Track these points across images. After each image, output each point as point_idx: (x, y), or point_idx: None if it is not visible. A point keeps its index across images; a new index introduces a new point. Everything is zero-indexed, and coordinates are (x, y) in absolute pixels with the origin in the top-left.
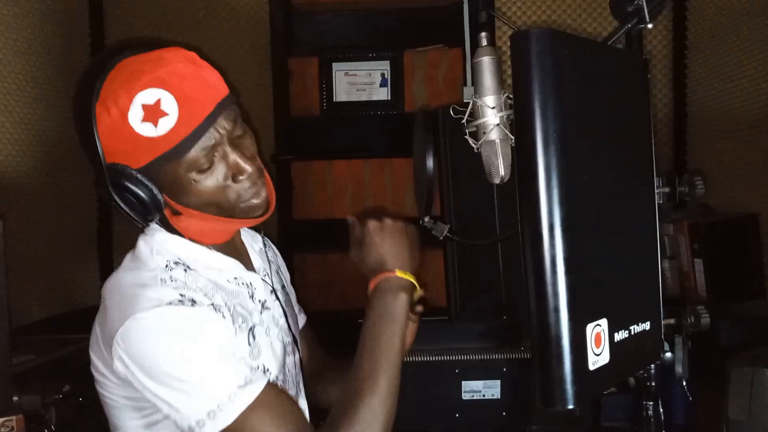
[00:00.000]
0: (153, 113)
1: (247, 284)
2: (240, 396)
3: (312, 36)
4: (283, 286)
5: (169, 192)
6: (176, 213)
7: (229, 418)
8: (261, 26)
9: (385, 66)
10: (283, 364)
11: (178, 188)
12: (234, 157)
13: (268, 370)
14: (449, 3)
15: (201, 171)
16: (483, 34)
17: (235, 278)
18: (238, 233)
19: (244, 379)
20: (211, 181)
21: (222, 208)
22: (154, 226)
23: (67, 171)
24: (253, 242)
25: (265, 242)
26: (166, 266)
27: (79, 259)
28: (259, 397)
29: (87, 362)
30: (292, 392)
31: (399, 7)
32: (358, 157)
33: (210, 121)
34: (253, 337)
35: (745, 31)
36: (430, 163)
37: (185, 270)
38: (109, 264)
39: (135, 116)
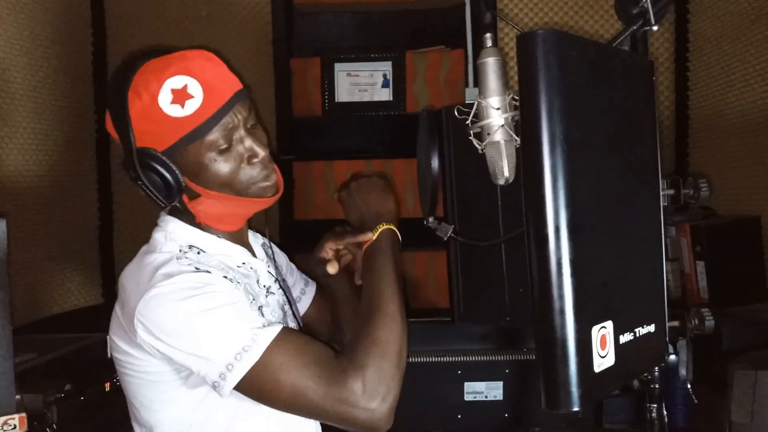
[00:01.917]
0: (181, 96)
1: (254, 270)
2: (261, 336)
3: (314, 37)
4: (284, 279)
5: (190, 174)
6: (194, 197)
7: (254, 357)
8: (263, 27)
9: (386, 67)
10: None
11: (198, 169)
12: (249, 141)
13: None
14: (451, 4)
15: (220, 152)
16: (487, 35)
17: (243, 263)
18: (247, 228)
19: (262, 323)
20: (228, 162)
21: (236, 189)
22: (168, 218)
23: (69, 172)
24: (255, 239)
25: (269, 244)
26: (180, 250)
27: (81, 258)
28: (279, 336)
29: (88, 361)
30: None
31: (401, 9)
32: (360, 158)
33: (229, 105)
34: (262, 315)
35: (747, 34)
36: (434, 163)
37: (198, 253)
38: (110, 264)
39: (164, 99)
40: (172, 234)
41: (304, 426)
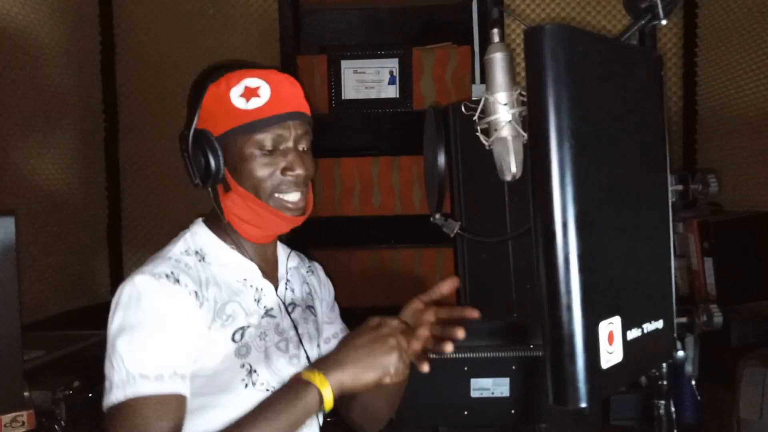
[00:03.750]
0: (250, 93)
1: (256, 288)
2: (138, 385)
3: (320, 34)
4: (309, 307)
5: (230, 166)
6: (227, 190)
7: (119, 396)
8: (270, 24)
9: (393, 64)
10: (275, 372)
11: (237, 161)
12: (293, 156)
13: (255, 371)
14: (457, 0)
15: (262, 153)
16: (495, 30)
17: (245, 279)
18: (274, 248)
19: (156, 375)
20: (266, 165)
21: (261, 193)
22: (198, 222)
23: (78, 172)
24: (290, 262)
25: (311, 268)
26: (185, 251)
27: (89, 256)
28: (151, 397)
29: (96, 358)
30: None
31: (407, 5)
32: (367, 155)
33: (288, 117)
34: (241, 337)
35: (756, 29)
36: (441, 160)
37: (200, 260)
38: (118, 261)
39: (236, 91)
40: (189, 235)
41: None
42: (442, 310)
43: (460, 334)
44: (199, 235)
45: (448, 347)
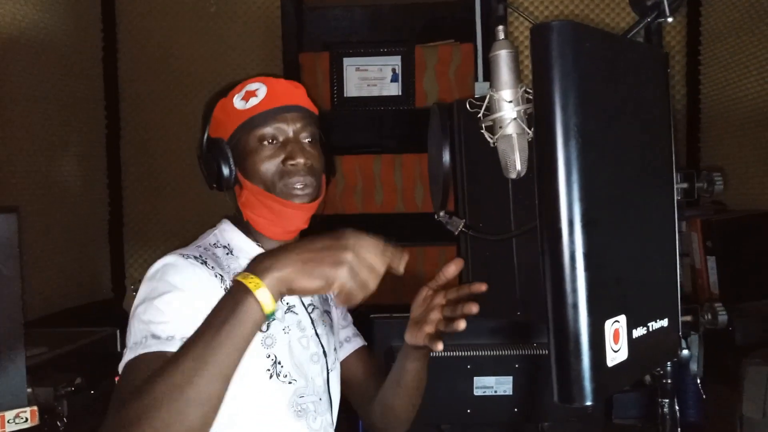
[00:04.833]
0: (249, 95)
1: None
2: (147, 344)
3: (323, 31)
4: (327, 311)
5: (240, 164)
6: (241, 189)
7: (128, 357)
8: (272, 21)
9: (396, 61)
10: (297, 366)
11: (245, 157)
12: (293, 146)
13: (279, 362)
14: None
15: (264, 145)
16: (500, 27)
17: None
18: None
19: (167, 337)
20: (269, 157)
21: (266, 183)
22: (225, 221)
23: (80, 170)
24: None
25: None
26: (215, 244)
27: (91, 254)
28: (155, 353)
29: (98, 355)
30: (311, 399)
31: (410, 2)
32: (369, 153)
33: (285, 110)
34: (267, 327)
35: (760, 27)
36: (445, 157)
37: (227, 253)
38: (120, 259)
39: (238, 96)
40: (218, 232)
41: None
42: (450, 291)
43: (474, 309)
44: (227, 231)
45: (461, 324)
